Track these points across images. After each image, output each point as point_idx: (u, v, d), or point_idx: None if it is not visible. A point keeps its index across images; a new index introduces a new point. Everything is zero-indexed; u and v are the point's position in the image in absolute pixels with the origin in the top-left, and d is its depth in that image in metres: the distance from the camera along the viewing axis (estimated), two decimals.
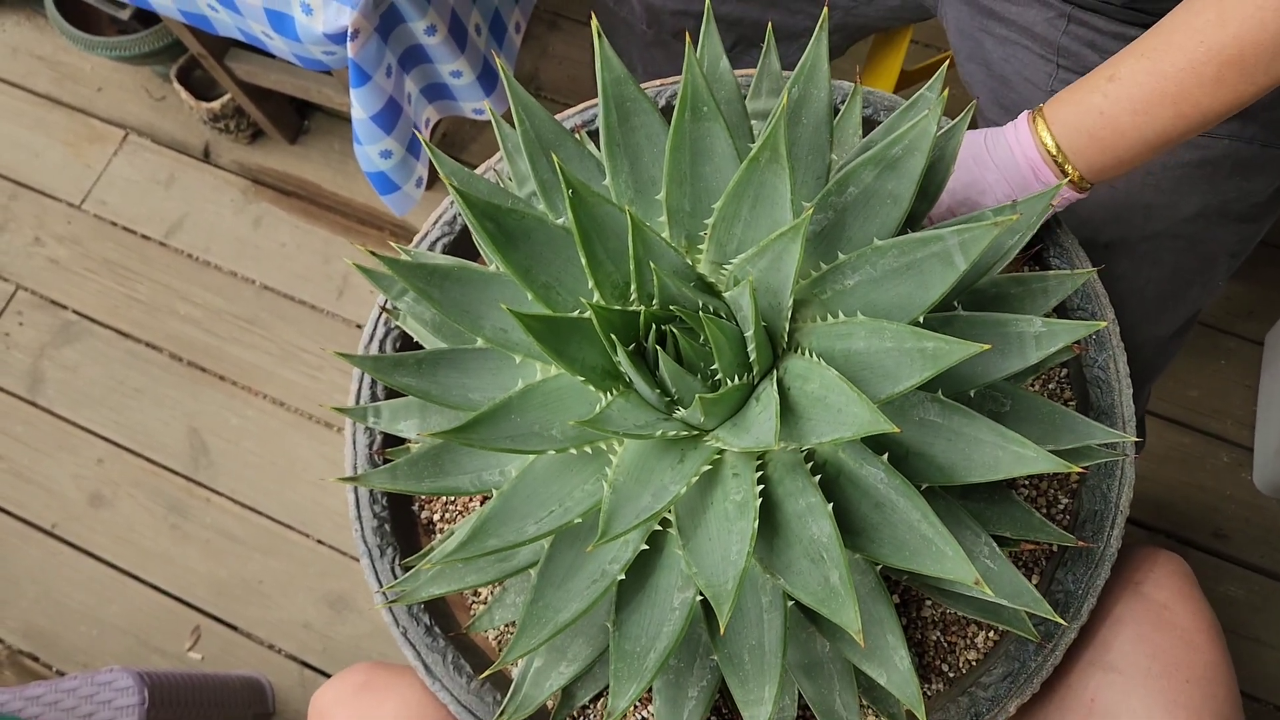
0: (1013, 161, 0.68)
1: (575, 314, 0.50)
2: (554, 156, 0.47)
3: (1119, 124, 0.65)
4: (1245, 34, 0.60)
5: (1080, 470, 0.47)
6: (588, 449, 0.52)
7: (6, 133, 1.87)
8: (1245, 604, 1.45)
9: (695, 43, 0.56)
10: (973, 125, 0.83)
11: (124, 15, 1.62)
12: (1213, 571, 1.47)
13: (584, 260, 0.49)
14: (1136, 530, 1.49)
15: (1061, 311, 0.71)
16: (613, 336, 0.48)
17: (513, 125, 0.63)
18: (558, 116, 0.79)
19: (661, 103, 0.78)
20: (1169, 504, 1.50)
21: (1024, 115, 0.69)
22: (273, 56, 1.53)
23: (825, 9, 0.61)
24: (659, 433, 0.49)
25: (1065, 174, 0.67)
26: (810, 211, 0.45)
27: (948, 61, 0.66)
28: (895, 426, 0.41)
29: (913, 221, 0.62)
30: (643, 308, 0.50)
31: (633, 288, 0.50)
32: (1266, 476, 1.45)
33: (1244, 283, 1.58)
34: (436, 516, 0.74)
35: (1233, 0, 0.60)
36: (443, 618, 0.69)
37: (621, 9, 1.07)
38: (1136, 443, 0.64)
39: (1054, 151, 0.67)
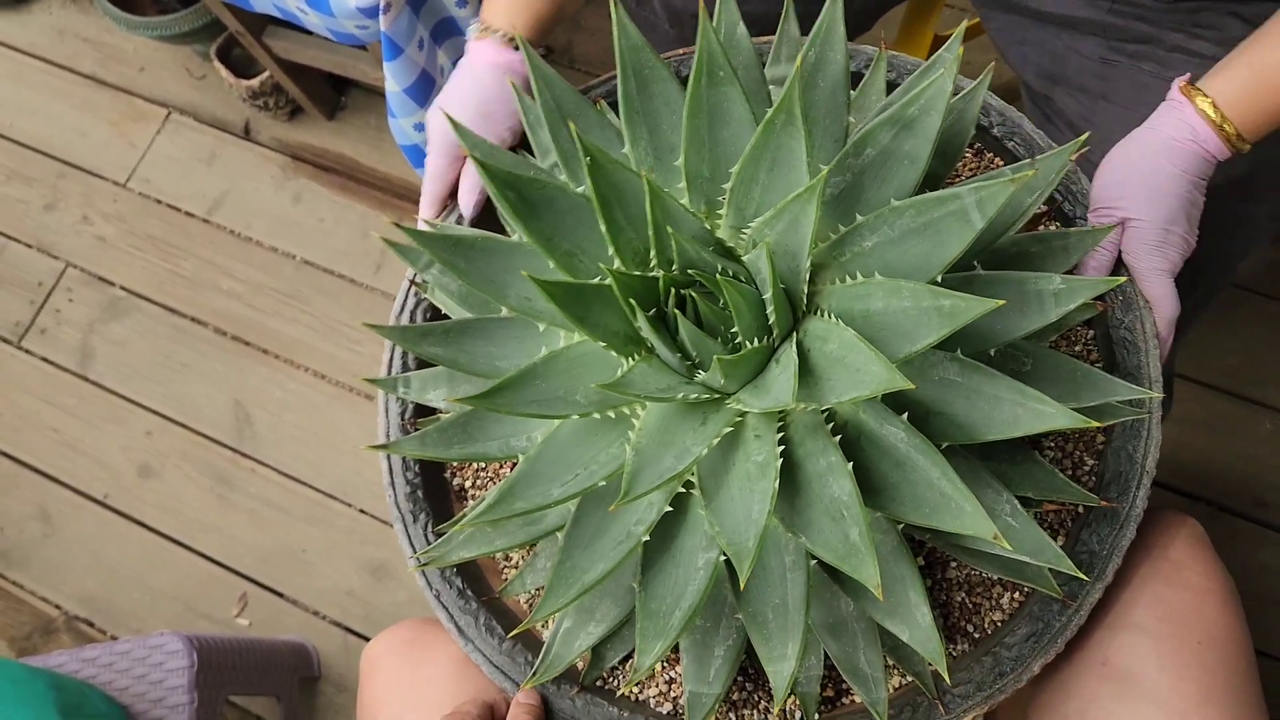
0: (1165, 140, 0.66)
1: (596, 280, 0.51)
2: (571, 125, 0.47)
3: None
4: None
5: (1101, 426, 0.47)
6: (611, 413, 0.53)
7: (54, 113, 1.91)
8: None
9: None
10: (1011, 96, 0.82)
11: None
12: (1254, 539, 1.45)
13: (603, 227, 0.50)
14: (1177, 498, 1.47)
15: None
16: (633, 302, 0.49)
17: (534, 98, 0.64)
18: (580, 88, 0.79)
19: (680, 73, 0.79)
20: (1210, 472, 1.48)
21: (1175, 83, 0.68)
22: (309, 33, 1.54)
23: None
24: (680, 396, 0.50)
25: (1224, 132, 0.66)
26: (826, 173, 0.45)
27: (966, 21, 0.65)
28: (911, 383, 0.42)
29: (932, 185, 0.62)
30: (662, 273, 0.51)
31: (652, 253, 0.51)
32: None
33: None
34: (468, 483, 0.75)
35: None
36: (475, 581, 0.71)
37: (644, 9, 1.07)
38: (1163, 401, 0.64)
39: (1213, 115, 0.65)
